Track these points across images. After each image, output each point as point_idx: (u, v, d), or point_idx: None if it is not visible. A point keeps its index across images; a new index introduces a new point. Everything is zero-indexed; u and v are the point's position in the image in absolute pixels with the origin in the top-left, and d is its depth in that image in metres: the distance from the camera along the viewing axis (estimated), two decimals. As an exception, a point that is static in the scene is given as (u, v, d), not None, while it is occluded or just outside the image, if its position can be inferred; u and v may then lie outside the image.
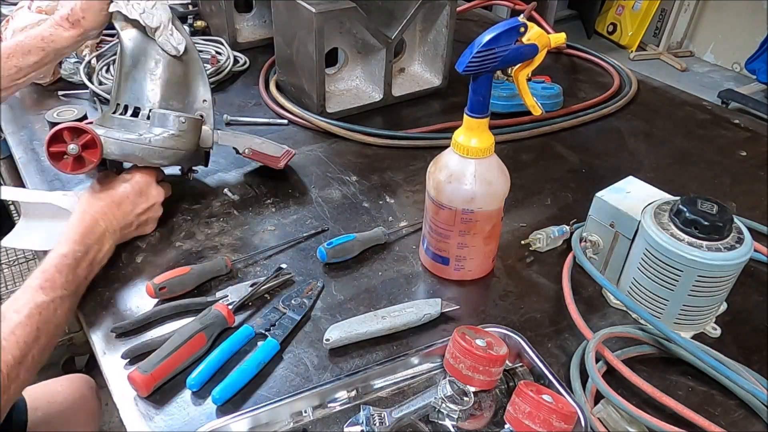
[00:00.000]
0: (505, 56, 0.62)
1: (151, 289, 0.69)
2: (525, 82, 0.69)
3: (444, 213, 0.70)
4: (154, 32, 0.80)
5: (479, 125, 0.66)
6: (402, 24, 1.08)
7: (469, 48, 0.61)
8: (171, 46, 0.81)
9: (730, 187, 0.96)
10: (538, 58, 0.66)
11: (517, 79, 0.69)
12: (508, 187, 0.71)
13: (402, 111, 1.14)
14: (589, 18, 4.10)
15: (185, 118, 0.79)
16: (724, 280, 0.64)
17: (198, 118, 0.82)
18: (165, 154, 0.79)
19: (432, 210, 0.72)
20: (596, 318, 0.71)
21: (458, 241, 0.72)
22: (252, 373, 0.61)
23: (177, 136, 0.79)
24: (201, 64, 0.86)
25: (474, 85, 0.64)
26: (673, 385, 0.63)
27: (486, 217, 0.70)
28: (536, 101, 0.71)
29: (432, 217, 0.72)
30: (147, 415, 0.59)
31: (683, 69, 3.76)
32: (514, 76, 0.69)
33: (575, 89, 1.23)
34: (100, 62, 1.20)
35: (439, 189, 0.69)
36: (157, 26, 0.79)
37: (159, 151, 0.78)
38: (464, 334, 0.58)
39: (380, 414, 0.56)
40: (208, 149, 0.88)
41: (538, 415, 0.52)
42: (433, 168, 0.71)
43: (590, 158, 1.02)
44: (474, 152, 0.67)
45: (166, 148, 0.78)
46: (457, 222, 0.70)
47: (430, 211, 0.73)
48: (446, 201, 0.69)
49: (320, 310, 0.71)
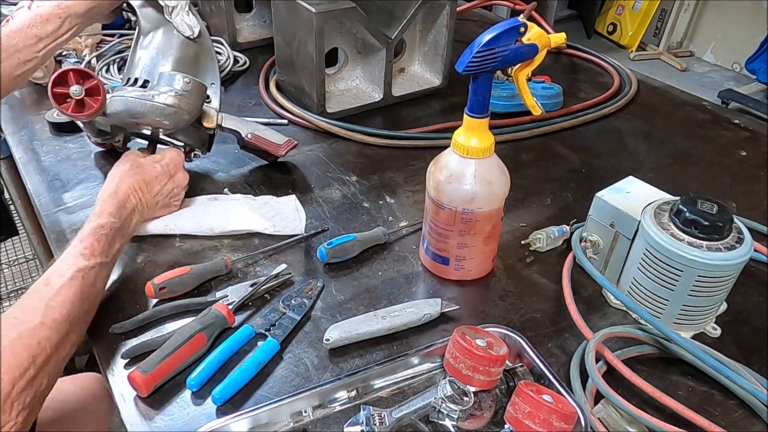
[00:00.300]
0: (505, 56, 0.62)
1: (151, 289, 0.69)
2: (525, 82, 0.69)
3: (444, 213, 0.70)
4: (171, 11, 0.82)
5: (479, 125, 0.66)
6: (402, 24, 1.08)
7: (469, 48, 0.61)
8: (186, 26, 0.84)
9: (730, 187, 0.96)
10: (538, 58, 0.66)
11: (517, 79, 0.69)
12: (508, 187, 0.71)
13: (402, 111, 1.14)
14: (589, 18, 4.10)
15: (190, 79, 0.80)
16: (724, 280, 0.64)
17: (202, 83, 0.82)
18: (167, 112, 0.78)
19: (432, 210, 0.72)
20: (596, 318, 0.71)
21: (458, 241, 0.72)
22: (252, 373, 0.61)
23: (181, 96, 0.79)
24: (213, 52, 0.89)
25: (474, 85, 0.64)
26: (673, 385, 0.63)
27: (486, 217, 0.70)
28: (536, 101, 0.71)
29: (432, 217, 0.72)
30: (147, 415, 0.59)
31: (683, 69, 3.76)
32: (513, 76, 0.69)
33: (575, 89, 1.23)
34: (100, 62, 1.20)
35: (439, 189, 0.69)
36: (174, 5, 0.82)
37: (162, 109, 0.78)
38: (464, 334, 0.58)
39: (380, 414, 0.56)
40: (213, 131, 0.88)
41: (538, 415, 0.52)
42: (433, 168, 0.71)
43: (590, 158, 1.02)
44: (474, 152, 0.67)
45: (168, 105, 0.78)
46: (457, 222, 0.70)
47: (430, 211, 0.73)
48: (446, 201, 0.69)
49: (320, 310, 0.71)
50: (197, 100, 0.82)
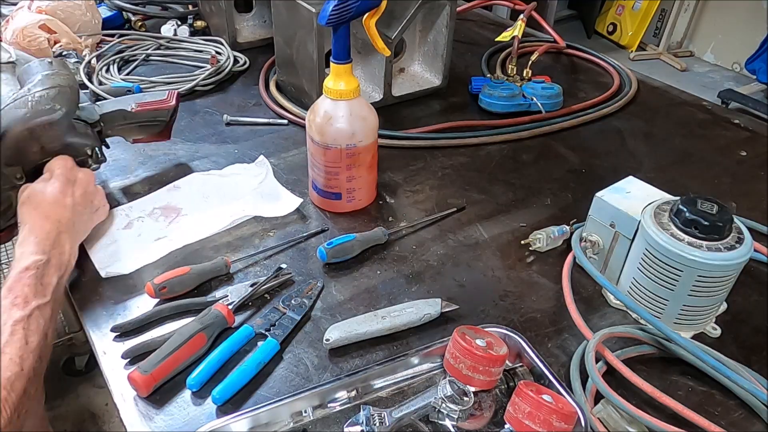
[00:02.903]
0: (357, 7, 0.74)
1: (151, 288, 0.69)
2: (375, 28, 0.80)
3: (331, 152, 0.79)
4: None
5: (345, 70, 0.76)
6: (402, 24, 1.08)
7: (327, 3, 0.72)
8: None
9: (730, 187, 0.96)
10: (383, 5, 0.78)
11: (368, 27, 0.79)
12: (378, 120, 0.81)
13: (402, 111, 1.14)
14: (589, 18, 4.11)
15: (46, 59, 0.77)
16: (724, 280, 0.64)
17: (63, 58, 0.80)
18: (52, 95, 0.74)
19: (318, 153, 0.81)
20: (596, 318, 0.71)
21: (347, 175, 0.82)
22: (252, 373, 0.61)
23: (52, 75, 0.75)
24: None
25: (336, 36, 0.74)
26: (673, 385, 0.63)
27: (366, 150, 0.81)
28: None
29: (320, 160, 0.81)
30: (147, 415, 0.59)
31: (683, 69, 3.76)
32: (364, 24, 0.79)
33: (575, 89, 1.23)
34: (100, 62, 1.20)
35: (322, 132, 0.79)
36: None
37: (45, 97, 0.73)
38: (464, 334, 0.58)
39: (380, 414, 0.56)
40: (98, 123, 0.83)
41: (538, 415, 0.52)
42: (312, 116, 0.80)
43: (590, 158, 1.02)
44: (345, 94, 0.77)
45: (49, 88, 0.73)
46: (343, 158, 0.80)
47: (316, 154, 0.81)
48: (331, 141, 0.79)
49: (320, 310, 0.71)
50: (68, 70, 0.78)
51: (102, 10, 1.36)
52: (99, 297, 0.71)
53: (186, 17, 1.39)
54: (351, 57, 0.76)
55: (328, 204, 0.85)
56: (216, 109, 1.12)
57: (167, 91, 0.92)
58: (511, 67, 1.19)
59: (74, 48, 1.20)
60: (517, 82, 1.16)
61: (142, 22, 1.41)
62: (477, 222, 0.86)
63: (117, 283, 0.73)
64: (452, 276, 0.76)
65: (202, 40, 1.31)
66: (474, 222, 0.86)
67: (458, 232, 0.84)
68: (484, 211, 0.88)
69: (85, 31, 1.26)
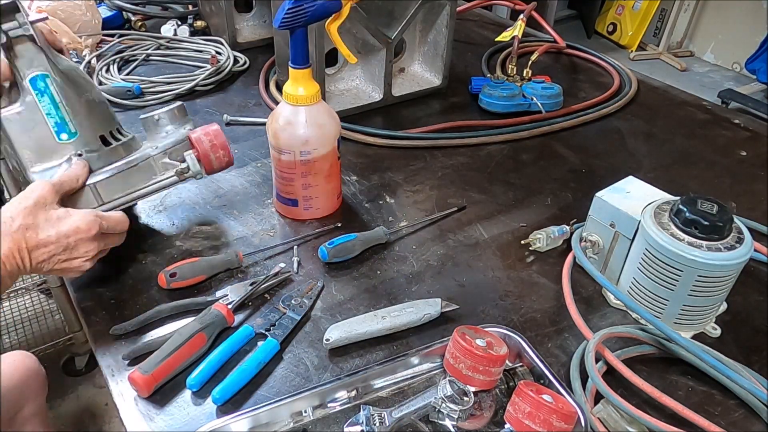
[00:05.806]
0: (313, 11, 0.71)
1: (162, 277, 0.70)
2: (337, 34, 0.78)
3: (285, 158, 0.78)
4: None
5: (303, 75, 0.74)
6: (402, 24, 1.08)
7: (282, 6, 0.70)
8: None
9: (730, 187, 0.96)
10: (345, 10, 0.76)
11: (330, 32, 0.78)
12: (338, 129, 0.79)
13: (402, 111, 1.14)
14: (589, 18, 4.11)
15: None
16: (724, 280, 0.64)
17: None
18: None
19: (274, 157, 0.80)
20: (596, 318, 0.71)
21: (302, 183, 0.80)
22: (252, 373, 0.61)
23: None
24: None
25: (293, 40, 0.72)
26: (673, 385, 0.63)
27: (322, 158, 0.79)
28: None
29: (276, 165, 0.80)
30: (147, 415, 0.59)
31: (683, 69, 3.76)
32: (327, 29, 0.78)
33: (575, 89, 1.23)
34: (100, 62, 1.20)
35: (277, 137, 0.77)
36: None
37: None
38: (464, 334, 0.58)
39: (380, 414, 0.56)
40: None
41: (538, 415, 0.52)
42: (271, 120, 0.78)
43: (590, 158, 1.02)
44: (303, 100, 0.75)
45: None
46: (297, 165, 0.78)
47: (273, 159, 0.80)
48: (285, 146, 0.77)
49: (320, 310, 0.71)
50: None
51: (102, 10, 1.37)
52: (99, 297, 0.71)
53: (186, 17, 1.39)
54: (310, 62, 0.74)
55: (286, 210, 0.84)
56: (216, 109, 1.12)
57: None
58: (511, 67, 1.19)
59: (74, 48, 1.20)
60: (517, 82, 1.16)
61: (142, 22, 1.41)
62: (477, 222, 0.86)
63: (117, 283, 0.73)
64: (452, 276, 0.76)
65: (202, 40, 1.31)
66: (474, 222, 0.86)
67: (458, 232, 0.84)
68: (484, 211, 0.88)
69: (85, 31, 1.26)
